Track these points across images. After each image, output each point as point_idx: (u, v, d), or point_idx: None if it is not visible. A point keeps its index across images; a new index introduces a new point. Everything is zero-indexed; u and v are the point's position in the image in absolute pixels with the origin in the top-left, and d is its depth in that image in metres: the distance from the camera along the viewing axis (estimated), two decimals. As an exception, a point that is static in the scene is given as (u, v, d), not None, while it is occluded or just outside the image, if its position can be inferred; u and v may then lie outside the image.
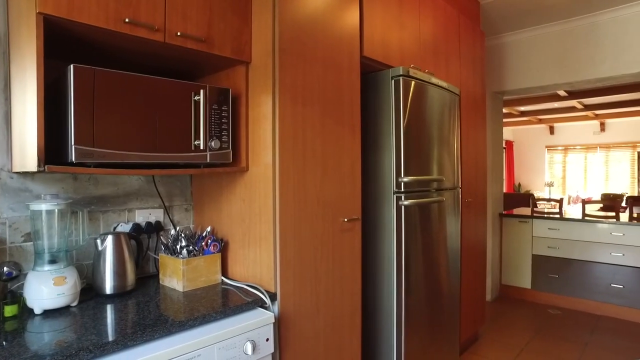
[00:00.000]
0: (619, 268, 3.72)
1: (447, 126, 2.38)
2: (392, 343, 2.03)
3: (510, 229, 4.32)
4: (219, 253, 1.68)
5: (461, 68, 2.85)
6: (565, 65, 3.79)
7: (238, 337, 1.33)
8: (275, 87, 1.54)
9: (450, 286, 2.44)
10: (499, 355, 3.00)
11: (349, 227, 1.83)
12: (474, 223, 3.01)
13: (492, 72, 4.23)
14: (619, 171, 9.84)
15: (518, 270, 4.28)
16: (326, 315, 1.73)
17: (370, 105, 2.08)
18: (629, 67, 3.48)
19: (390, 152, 1.99)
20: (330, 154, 1.74)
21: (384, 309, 2.05)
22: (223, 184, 1.77)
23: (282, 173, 1.54)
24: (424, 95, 2.15)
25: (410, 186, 2.05)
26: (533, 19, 3.72)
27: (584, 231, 3.90)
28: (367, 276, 2.11)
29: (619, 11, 3.49)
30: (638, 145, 9.45)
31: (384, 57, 2.09)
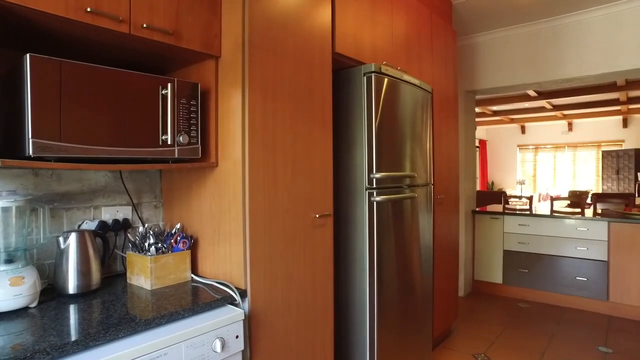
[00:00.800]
0: (583, 262, 3.86)
1: (420, 123, 2.41)
2: (365, 338, 2.05)
3: (483, 225, 4.42)
4: (189, 250, 1.65)
5: (433, 66, 2.89)
6: (534, 66, 3.90)
7: (206, 335, 1.31)
8: (245, 82, 1.52)
9: (423, 282, 2.47)
10: (471, 348, 3.06)
11: (320, 223, 1.83)
12: (447, 220, 3.06)
13: (465, 72, 4.31)
14: (586, 169, 10.20)
15: (490, 266, 4.38)
16: (298, 312, 1.72)
17: (342, 101, 2.08)
18: (592, 69, 3.60)
19: (362, 148, 2.00)
20: (301, 150, 1.74)
21: (357, 304, 2.06)
22: (193, 180, 1.74)
23: (251, 168, 1.53)
24: (396, 93, 2.17)
25: (382, 182, 2.06)
26: (503, 20, 3.81)
27: (552, 227, 4.03)
28: (340, 272, 2.11)
29: (582, 15, 3.61)
30: (603, 144, 9.82)
31: (356, 53, 2.10)
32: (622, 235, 3.67)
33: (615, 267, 3.70)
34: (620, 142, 9.58)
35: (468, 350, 3.03)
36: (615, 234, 3.70)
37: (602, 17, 3.54)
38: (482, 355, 2.94)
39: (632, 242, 3.62)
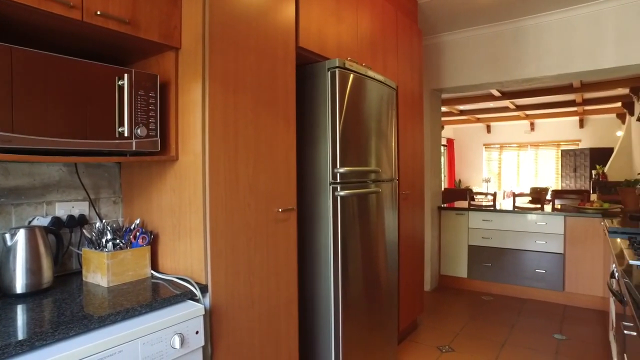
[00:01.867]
0: (542, 254, 4.02)
1: (385, 120, 2.44)
2: (330, 332, 2.06)
3: (448, 221, 4.53)
4: (148, 246, 1.61)
5: (399, 63, 2.93)
6: (496, 66, 4.02)
7: (165, 331, 1.28)
8: (205, 74, 1.50)
9: (388, 276, 2.51)
10: (436, 340, 3.13)
11: (284, 218, 1.82)
12: (412, 215, 3.12)
13: (431, 70, 4.39)
14: (547, 167, 10.62)
15: (455, 261, 4.49)
16: (261, 306, 1.71)
17: (307, 96, 2.08)
18: (550, 69, 3.75)
19: (327, 143, 2.01)
20: (264, 144, 1.73)
21: (322, 299, 2.06)
22: (153, 175, 1.70)
23: (212, 162, 1.50)
24: (361, 88, 2.19)
25: (347, 177, 2.08)
26: (467, 21, 3.91)
27: (514, 222, 4.17)
28: (305, 266, 2.11)
29: (540, 18, 3.76)
30: (562, 144, 10.25)
31: (321, 49, 2.10)
32: (576, 228, 3.84)
33: (571, 259, 3.87)
34: (577, 141, 10.02)
35: (433, 342, 3.10)
36: (571, 227, 3.87)
37: (557, 20, 3.69)
38: (447, 347, 3.01)
39: (585, 235, 3.80)
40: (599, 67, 3.53)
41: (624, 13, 3.42)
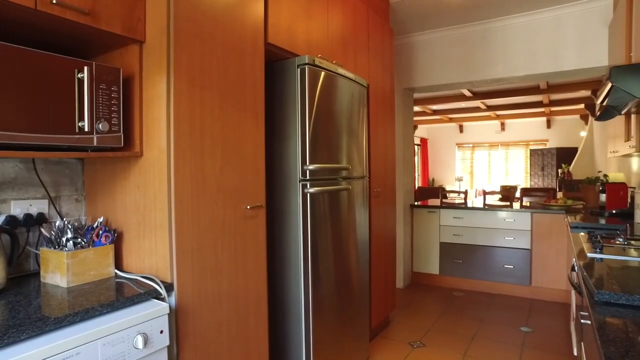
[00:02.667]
0: (510, 250, 4.13)
1: (356, 117, 2.45)
2: (300, 330, 2.05)
3: (420, 219, 4.59)
4: (112, 244, 1.57)
5: (370, 62, 2.95)
6: (466, 66, 4.11)
7: (127, 331, 1.24)
8: (170, 68, 1.46)
9: (360, 274, 2.52)
10: (407, 336, 3.17)
11: (252, 215, 1.81)
12: (383, 212, 3.14)
13: (403, 69, 4.45)
14: (516, 166, 10.92)
15: (427, 258, 4.57)
16: (230, 305, 1.69)
17: (276, 93, 2.07)
18: (517, 70, 3.86)
19: (296, 139, 2.00)
20: (232, 140, 1.71)
21: (292, 296, 2.06)
22: (117, 171, 1.65)
23: (177, 158, 1.48)
24: (331, 86, 2.19)
25: (316, 174, 2.08)
26: (437, 21, 3.97)
27: (484, 219, 4.27)
28: (275, 264, 2.10)
29: (506, 21, 3.86)
30: (530, 143, 10.56)
31: (291, 45, 2.10)
32: (542, 225, 3.96)
33: (537, 254, 4.00)
34: (545, 141, 10.35)
35: (405, 338, 3.14)
36: (537, 224, 3.99)
37: (523, 23, 3.80)
38: (418, 343, 3.05)
39: (550, 231, 3.93)
40: (561, 69, 3.66)
41: (583, 18, 3.55)
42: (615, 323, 1.05)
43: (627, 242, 2.01)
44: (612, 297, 1.20)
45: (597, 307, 1.18)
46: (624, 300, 1.19)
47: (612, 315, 1.11)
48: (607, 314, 1.12)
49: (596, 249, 1.84)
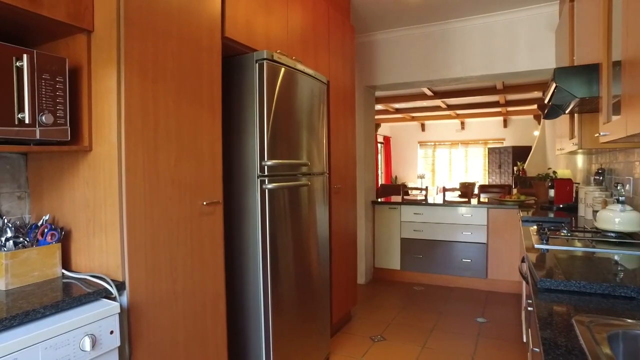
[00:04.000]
0: (468, 245, 4.27)
1: (316, 114, 2.46)
2: (259, 327, 2.04)
3: (382, 215, 4.67)
4: (59, 243, 1.50)
5: (330, 59, 2.97)
6: (426, 65, 4.21)
7: (72, 333, 1.19)
8: (120, 61, 1.41)
9: (320, 270, 2.53)
10: (369, 331, 3.22)
11: (209, 211, 1.78)
12: (344, 209, 3.17)
13: (364, 67, 4.50)
14: (475, 164, 11.31)
15: (389, 253, 4.65)
16: (186, 302, 1.66)
17: (234, 88, 2.04)
18: (474, 70, 3.99)
19: (254, 135, 1.98)
20: (187, 135, 1.67)
21: (251, 293, 2.04)
22: (64, 166, 1.58)
23: (129, 153, 1.43)
24: (291, 81, 2.18)
25: (275, 170, 2.07)
26: (398, 20, 4.04)
27: (443, 215, 4.39)
28: (234, 261, 2.08)
29: (464, 22, 3.98)
30: (488, 142, 10.97)
31: (249, 40, 2.07)
32: (497, 219, 4.13)
33: (493, 248, 4.16)
34: (502, 140, 10.77)
35: (366, 333, 3.18)
36: (493, 219, 4.15)
37: (479, 25, 3.93)
38: (379, 337, 3.11)
39: (504, 226, 4.09)
40: (515, 70, 3.81)
41: (533, 23, 3.72)
42: (554, 308, 1.11)
43: (571, 233, 2.13)
44: (553, 284, 1.27)
45: (539, 294, 1.24)
46: (562, 286, 1.25)
47: (551, 300, 1.17)
48: (548, 300, 1.18)
49: (543, 241, 1.93)
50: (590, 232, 2.15)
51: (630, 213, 1.99)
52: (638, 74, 1.20)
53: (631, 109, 1.26)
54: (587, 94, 1.86)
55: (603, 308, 1.11)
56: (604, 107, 1.69)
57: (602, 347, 0.81)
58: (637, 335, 0.90)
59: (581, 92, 1.87)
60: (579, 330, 0.91)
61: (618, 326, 0.92)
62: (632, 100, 1.25)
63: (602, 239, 2.00)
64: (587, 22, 2.15)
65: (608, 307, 1.12)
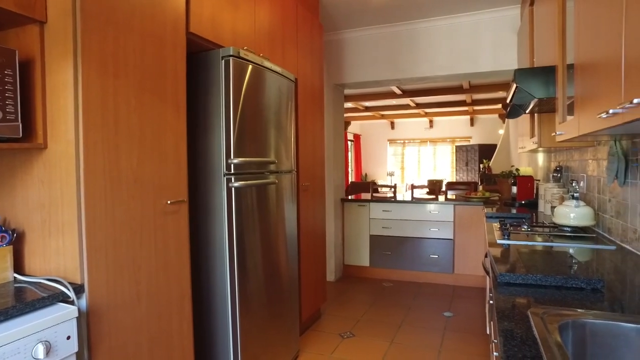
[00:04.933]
0: (435, 241, 4.37)
1: (284, 111, 2.44)
2: (227, 327, 2.01)
3: (351, 212, 4.71)
4: (10, 246, 1.43)
5: (298, 57, 2.96)
6: (394, 64, 4.26)
7: (23, 341, 1.14)
8: (77, 54, 1.36)
9: (289, 268, 2.53)
10: (338, 328, 3.24)
11: (173, 210, 1.74)
12: (313, 207, 3.18)
13: (333, 65, 4.51)
14: (444, 161, 11.57)
15: (358, 250, 4.69)
16: (150, 304, 1.62)
17: (200, 85, 2.00)
18: (441, 69, 4.07)
19: (220, 133, 1.95)
20: (150, 132, 1.63)
21: (218, 293, 2.01)
22: (16, 164, 1.50)
23: (88, 151, 1.38)
24: (258, 79, 2.16)
25: (242, 168, 2.05)
26: (366, 19, 4.08)
27: (412, 212, 4.46)
28: (200, 260, 2.04)
29: (430, 22, 4.06)
30: (456, 140, 11.24)
31: (215, 36, 2.04)
32: (463, 216, 4.24)
33: (459, 243, 4.27)
34: (468, 138, 11.06)
35: (335, 330, 3.20)
36: (459, 215, 4.26)
37: (445, 26, 4.02)
38: (348, 333, 3.13)
39: (470, 222, 4.21)
40: (479, 70, 3.92)
41: (498, 24, 3.83)
42: (512, 300, 1.15)
43: (531, 229, 2.21)
44: (512, 278, 1.31)
45: (499, 288, 1.28)
46: (520, 280, 1.30)
47: (510, 294, 1.21)
48: (507, 293, 1.22)
49: (505, 236, 2.00)
50: (549, 227, 2.24)
51: (584, 208, 2.09)
52: (588, 77, 1.26)
53: (583, 110, 1.31)
54: (544, 94, 1.94)
55: (557, 299, 1.16)
56: (559, 107, 1.77)
57: (554, 336, 0.85)
58: (584, 323, 0.95)
59: (539, 92, 1.95)
60: (534, 321, 0.95)
61: (568, 316, 0.96)
62: (584, 101, 1.30)
63: (559, 233, 2.09)
64: (544, 26, 2.23)
65: (561, 298, 1.17)
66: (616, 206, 1.98)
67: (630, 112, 0.88)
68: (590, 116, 1.21)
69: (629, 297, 1.17)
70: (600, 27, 1.14)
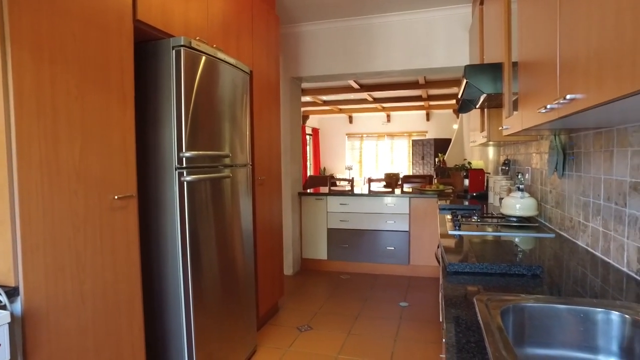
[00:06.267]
0: (391, 233, 4.46)
1: (239, 104, 2.40)
2: (181, 325, 1.96)
3: (308, 206, 4.71)
4: None
5: (254, 49, 2.91)
6: (350, 58, 4.29)
7: (-49, 346, 1.05)
8: (5, 35, 1.25)
9: (245, 263, 2.49)
10: (296, 321, 3.24)
11: (121, 205, 1.66)
12: (269, 201, 3.15)
13: (290, 59, 4.47)
14: (401, 155, 11.83)
15: (316, 244, 4.71)
16: (96, 305, 1.54)
17: (150, 75, 1.92)
18: (396, 64, 4.14)
19: (171, 125, 1.88)
20: (94, 124, 1.54)
21: (171, 291, 1.95)
22: (-59, 159, 1.38)
23: (21, 141, 1.28)
24: (212, 70, 2.10)
25: (195, 162, 1.99)
26: (323, 13, 4.07)
27: (368, 205, 4.53)
28: (152, 257, 1.97)
29: (386, 17, 4.11)
30: (412, 134, 11.52)
31: (165, 25, 1.96)
32: (418, 208, 4.35)
33: (414, 235, 4.38)
34: (424, 132, 11.36)
35: (293, 323, 3.21)
36: (414, 207, 4.37)
37: (401, 21, 4.09)
38: (306, 326, 3.14)
39: (425, 214, 4.33)
40: (433, 66, 4.02)
41: (451, 21, 3.94)
42: (459, 289, 1.19)
43: (481, 219, 2.30)
44: (460, 267, 1.36)
45: (448, 277, 1.32)
46: (468, 269, 1.35)
47: (458, 282, 1.26)
48: (455, 282, 1.26)
49: (456, 227, 2.07)
50: (497, 218, 2.34)
51: (528, 199, 2.20)
52: (530, 74, 1.31)
53: (526, 105, 1.37)
54: (492, 90, 2.02)
55: (501, 286, 1.21)
56: (505, 102, 1.84)
57: (496, 320, 0.89)
58: (523, 307, 1.00)
59: (488, 88, 2.02)
60: (479, 307, 0.98)
61: (510, 301, 1.01)
62: (527, 97, 1.36)
63: (505, 223, 2.19)
64: (493, 24, 2.32)
65: (505, 284, 1.22)
66: (556, 197, 2.10)
67: (564, 107, 0.92)
68: (531, 111, 1.27)
69: (564, 280, 1.24)
70: (539, 28, 1.19)
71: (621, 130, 1.36)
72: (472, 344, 0.83)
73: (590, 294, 1.11)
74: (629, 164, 1.31)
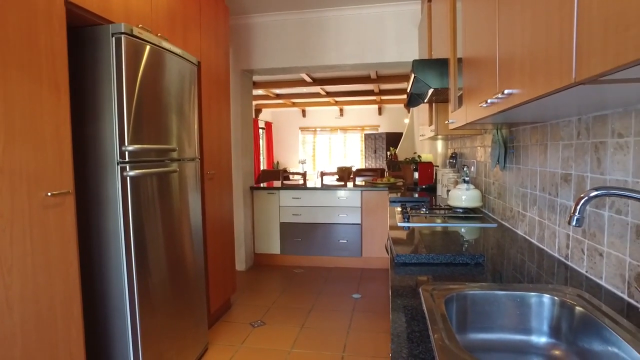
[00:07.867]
0: (344, 226, 4.51)
1: (187, 96, 2.31)
2: (126, 327, 1.87)
3: (260, 200, 4.66)
4: None
5: (202, 39, 2.81)
6: (303, 51, 4.26)
7: None
8: None
9: (195, 260, 2.42)
10: (249, 317, 3.21)
11: (56, 203, 1.55)
12: (219, 195, 3.08)
13: (241, 51, 4.38)
14: (354, 149, 11.99)
15: (269, 239, 4.67)
16: (26, 310, 1.43)
17: (88, 64, 1.80)
18: (348, 58, 4.17)
19: (112, 118, 1.78)
20: (21, 115, 1.42)
21: (115, 292, 1.86)
22: None
23: None
24: (156, 60, 2.00)
25: (139, 156, 1.89)
26: (275, 4, 4.01)
27: (321, 198, 4.55)
28: (93, 257, 1.86)
29: (339, 11, 4.12)
30: (365, 128, 11.71)
31: (103, 9, 1.84)
32: (370, 201, 4.43)
33: (366, 228, 4.46)
34: (377, 126, 11.58)
35: (246, 319, 3.17)
36: (366, 200, 4.44)
37: (353, 16, 4.11)
38: (259, 322, 3.11)
39: (376, 206, 4.42)
40: (384, 61, 4.09)
41: (401, 17, 4.02)
42: (406, 279, 1.22)
43: (429, 211, 2.37)
44: (407, 258, 1.39)
45: (396, 268, 1.34)
46: (414, 259, 1.38)
47: (405, 273, 1.28)
48: (402, 273, 1.29)
49: (405, 219, 2.12)
50: (444, 209, 2.43)
51: (473, 191, 2.29)
52: (473, 70, 1.36)
53: (469, 99, 1.42)
54: (439, 84, 2.07)
55: (446, 275, 1.25)
56: (451, 97, 1.90)
57: (440, 309, 0.91)
58: (465, 295, 1.04)
59: (435, 82, 2.07)
60: (424, 297, 1.01)
61: (453, 290, 1.04)
62: (470, 92, 1.41)
63: (452, 214, 2.27)
64: (440, 21, 2.38)
65: (450, 274, 1.26)
66: (498, 188, 2.20)
67: (503, 101, 0.96)
68: (474, 105, 1.32)
69: (505, 267, 1.31)
70: (480, 27, 1.24)
71: (554, 125, 1.45)
72: (417, 333, 0.85)
73: (527, 279, 1.18)
74: (560, 157, 1.39)
